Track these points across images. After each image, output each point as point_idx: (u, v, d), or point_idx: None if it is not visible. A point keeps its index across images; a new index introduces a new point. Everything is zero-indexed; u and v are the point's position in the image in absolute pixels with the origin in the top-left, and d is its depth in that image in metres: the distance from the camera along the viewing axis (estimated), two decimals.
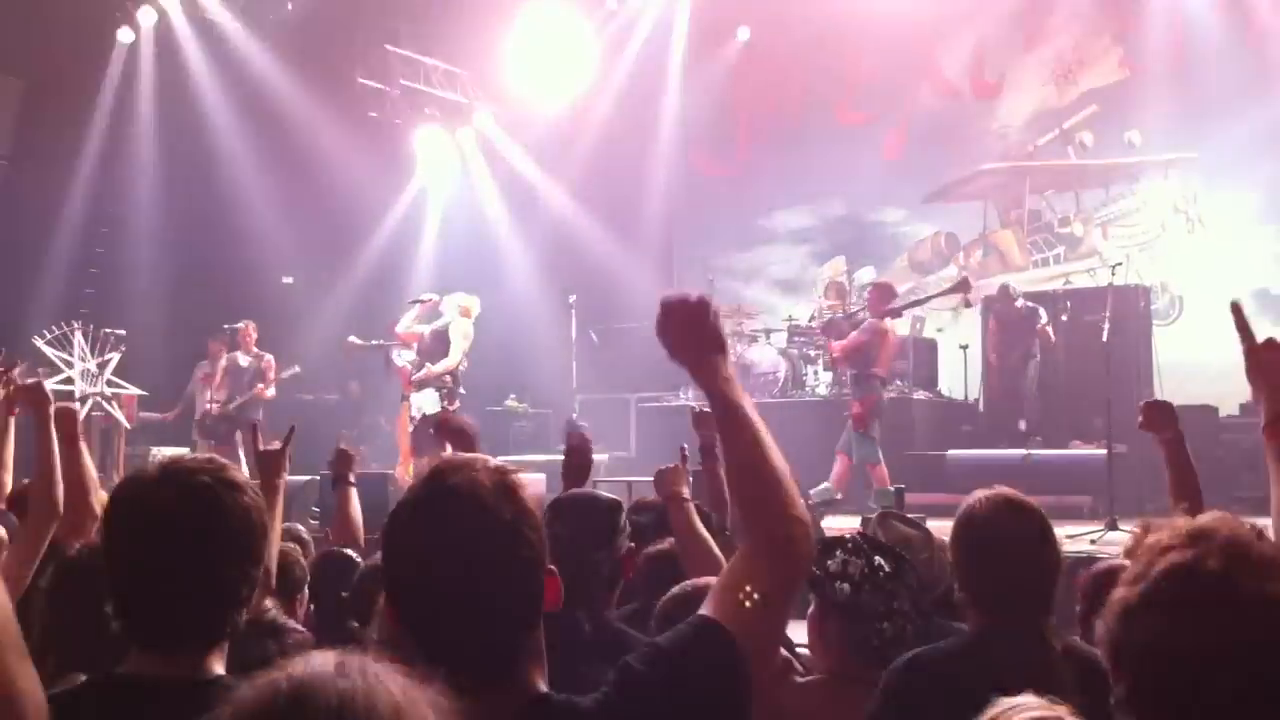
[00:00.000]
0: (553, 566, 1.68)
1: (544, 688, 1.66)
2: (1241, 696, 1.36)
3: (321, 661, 1.10)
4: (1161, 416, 3.60)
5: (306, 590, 4.10)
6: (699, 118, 15.19)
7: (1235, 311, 2.42)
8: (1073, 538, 7.10)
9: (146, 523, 1.82)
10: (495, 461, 1.72)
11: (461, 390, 10.21)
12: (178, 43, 12.98)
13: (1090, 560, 4.26)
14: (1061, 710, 1.57)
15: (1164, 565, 1.44)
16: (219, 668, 1.85)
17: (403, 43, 13.81)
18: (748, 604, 1.70)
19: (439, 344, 10.15)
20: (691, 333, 1.88)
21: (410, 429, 9.98)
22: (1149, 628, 1.42)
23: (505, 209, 15.15)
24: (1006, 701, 1.62)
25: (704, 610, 1.73)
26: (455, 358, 10.10)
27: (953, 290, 10.65)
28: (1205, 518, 1.47)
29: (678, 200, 15.33)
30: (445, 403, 9.80)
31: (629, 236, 14.69)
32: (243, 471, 1.94)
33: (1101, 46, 13.17)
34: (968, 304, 10.94)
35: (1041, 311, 11.32)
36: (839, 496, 9.36)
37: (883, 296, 10.10)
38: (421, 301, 10.56)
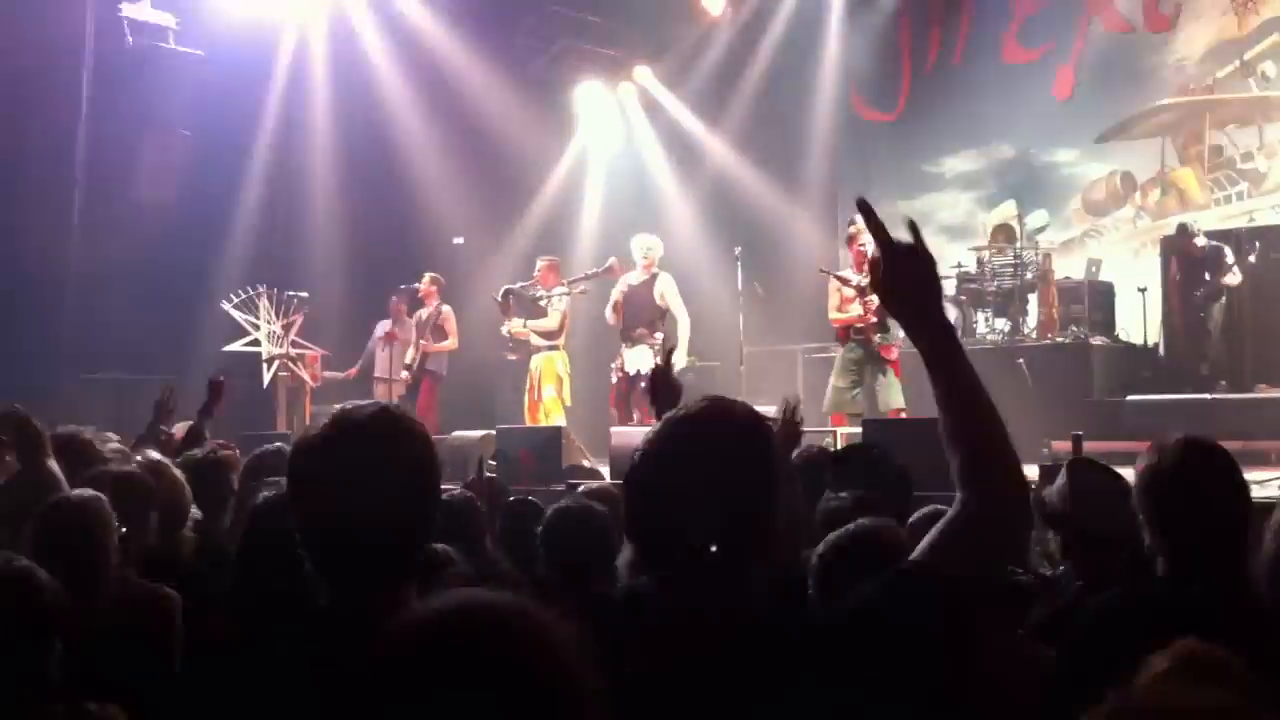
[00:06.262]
0: None
1: None
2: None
3: (480, 590, 1.29)
4: None
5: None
6: (861, 63, 14.95)
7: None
8: (1261, 483, 6.86)
9: (338, 464, 1.86)
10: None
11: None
12: (347, 10, 13.32)
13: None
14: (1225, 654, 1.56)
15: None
16: (410, 602, 1.91)
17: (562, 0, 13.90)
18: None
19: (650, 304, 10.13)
20: (917, 285, 1.76)
21: (613, 382, 10.12)
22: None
23: (667, 163, 15.18)
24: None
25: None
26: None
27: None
28: None
29: (841, 148, 15.12)
30: (659, 359, 9.80)
31: (792, 187, 14.60)
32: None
33: None
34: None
35: (1227, 251, 10.92)
36: None
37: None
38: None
